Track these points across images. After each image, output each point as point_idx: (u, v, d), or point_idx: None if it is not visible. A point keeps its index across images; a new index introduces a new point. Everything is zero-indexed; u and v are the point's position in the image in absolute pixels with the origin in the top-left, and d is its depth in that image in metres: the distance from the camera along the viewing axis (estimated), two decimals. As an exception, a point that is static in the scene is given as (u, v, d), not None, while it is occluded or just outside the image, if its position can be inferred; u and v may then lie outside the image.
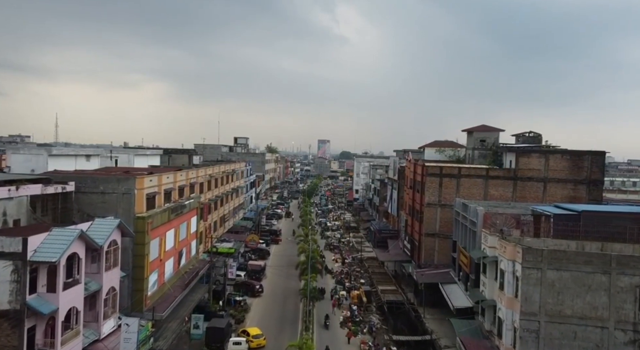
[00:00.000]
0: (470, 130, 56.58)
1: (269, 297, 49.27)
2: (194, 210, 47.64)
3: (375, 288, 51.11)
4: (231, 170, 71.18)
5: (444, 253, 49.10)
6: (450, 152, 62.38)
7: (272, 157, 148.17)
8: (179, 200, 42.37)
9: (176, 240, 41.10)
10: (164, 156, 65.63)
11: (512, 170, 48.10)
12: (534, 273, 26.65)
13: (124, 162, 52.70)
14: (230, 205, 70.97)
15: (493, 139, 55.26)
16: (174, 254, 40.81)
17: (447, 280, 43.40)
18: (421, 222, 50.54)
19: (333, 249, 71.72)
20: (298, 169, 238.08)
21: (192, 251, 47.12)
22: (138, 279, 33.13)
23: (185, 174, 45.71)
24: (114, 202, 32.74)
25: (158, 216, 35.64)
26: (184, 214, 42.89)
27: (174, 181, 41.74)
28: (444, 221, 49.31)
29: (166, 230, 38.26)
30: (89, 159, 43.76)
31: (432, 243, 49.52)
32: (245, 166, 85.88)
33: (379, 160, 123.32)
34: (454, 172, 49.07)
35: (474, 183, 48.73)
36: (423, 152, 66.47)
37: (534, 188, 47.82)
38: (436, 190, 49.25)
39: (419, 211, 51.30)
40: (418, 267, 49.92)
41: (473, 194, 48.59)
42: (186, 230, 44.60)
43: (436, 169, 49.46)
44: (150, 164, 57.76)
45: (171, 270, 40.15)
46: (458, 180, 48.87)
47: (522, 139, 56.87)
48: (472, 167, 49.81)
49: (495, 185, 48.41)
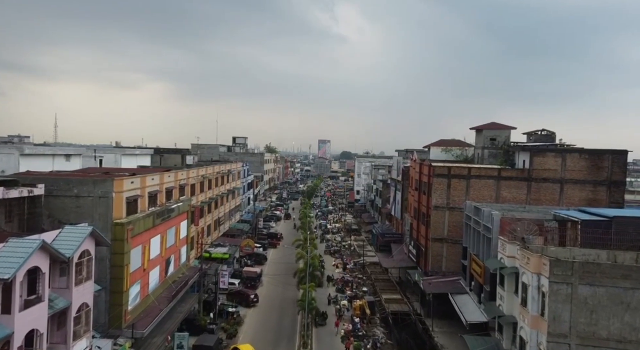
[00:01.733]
0: (479, 128, 53.18)
1: (265, 307, 45.82)
2: (184, 214, 44.31)
3: (379, 297, 47.70)
4: (226, 171, 67.85)
5: (453, 259, 45.77)
6: (457, 151, 58.99)
7: (272, 157, 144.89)
8: (166, 204, 39.03)
9: (163, 247, 37.76)
10: (155, 156, 62.31)
11: (526, 171, 44.72)
12: (563, 289, 23.27)
13: (110, 162, 49.41)
14: (226, 208, 67.63)
15: (504, 138, 51.87)
16: (160, 262, 37.46)
17: (457, 290, 40.01)
18: (428, 226, 47.16)
19: (333, 254, 68.32)
20: (298, 169, 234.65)
21: (182, 258, 43.78)
22: (116, 293, 29.75)
23: (174, 175, 42.36)
24: (90, 207, 29.42)
25: (140, 222, 32.29)
26: (171, 219, 39.57)
27: (161, 183, 38.40)
28: (452, 225, 45.96)
29: (151, 236, 34.91)
30: (69, 158, 40.41)
31: (440, 249, 46.17)
32: (242, 166, 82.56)
33: (380, 160, 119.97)
34: (463, 172, 45.71)
35: (484, 184, 45.36)
36: (428, 152, 63.07)
37: (549, 190, 44.45)
38: (444, 192, 45.90)
39: (426, 214, 47.92)
40: (425, 274, 46.54)
41: (484, 196, 45.24)
42: (175, 235, 41.27)
43: (444, 170, 46.08)
44: (140, 165, 54.47)
45: (157, 280, 36.80)
46: (468, 182, 45.51)
47: (535, 138, 53.51)
48: (482, 167, 46.42)
49: (507, 187, 45.03)
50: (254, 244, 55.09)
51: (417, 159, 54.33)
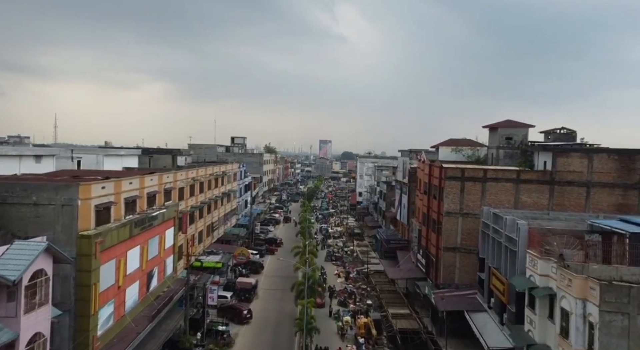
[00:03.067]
0: (494, 126, 48.89)
1: (259, 324, 41.43)
2: (171, 221, 40.10)
3: (385, 312, 43.42)
4: (221, 173, 63.62)
5: (467, 271, 41.52)
6: (468, 151, 54.66)
7: (271, 158, 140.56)
8: (147, 211, 34.80)
9: (143, 260, 33.52)
10: (143, 157, 58.05)
11: (548, 173, 40.46)
12: (618, 320, 19.00)
13: (91, 164, 45.22)
14: (220, 212, 63.40)
15: (521, 137, 47.56)
16: (140, 277, 33.23)
17: (474, 307, 35.75)
18: (439, 233, 42.89)
19: (335, 261, 64.02)
20: (299, 170, 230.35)
21: (168, 270, 39.58)
22: (82, 317, 25.48)
23: (158, 178, 38.13)
24: (51, 217, 25.18)
25: (113, 233, 28.05)
26: (154, 227, 35.35)
27: (141, 187, 34.16)
28: (466, 233, 41.72)
29: (127, 248, 30.68)
30: (39, 160, 36.23)
31: (452, 259, 41.91)
32: (238, 167, 78.33)
33: (384, 160, 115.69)
34: (478, 174, 41.45)
35: (502, 188, 41.10)
36: (436, 152, 58.76)
37: (574, 194, 40.19)
38: (457, 197, 41.64)
39: (436, 221, 43.65)
40: (435, 286, 42.29)
41: (501, 200, 40.99)
42: (159, 245, 37.07)
43: (457, 172, 41.83)
44: (125, 166, 50.30)
45: (136, 298, 32.56)
46: (483, 185, 41.26)
47: (554, 136, 49.17)
48: (500, 169, 42.15)
49: (528, 191, 40.78)
50: (248, 253, 50.83)
51: (426, 160, 50.05)
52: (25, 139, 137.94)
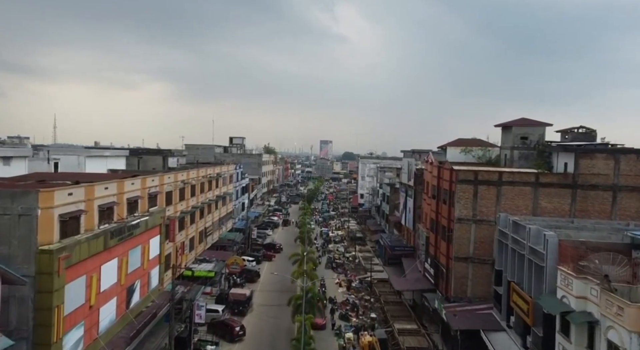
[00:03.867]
0: (508, 124, 45.29)
1: (253, 342, 37.65)
2: (156, 228, 36.56)
3: (391, 327, 39.85)
4: (215, 175, 60.08)
5: (481, 283, 38.00)
6: (479, 152, 51.08)
7: (270, 158, 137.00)
8: (127, 219, 31.24)
9: (122, 274, 29.97)
10: (132, 158, 54.61)
11: (570, 176, 36.87)
12: (686, 361, 15.36)
13: (71, 166, 41.66)
14: (214, 216, 59.86)
15: (537, 136, 43.95)
16: (118, 293, 29.69)
17: (491, 325, 32.16)
18: (449, 242, 39.32)
19: (336, 268, 60.43)
20: (299, 171, 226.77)
21: (152, 282, 36.03)
22: (42, 345, 21.92)
23: (141, 181, 34.58)
24: (6, 229, 21.63)
25: (83, 245, 24.51)
26: (136, 236, 31.81)
27: (119, 192, 30.61)
28: (480, 242, 38.15)
29: (101, 262, 27.14)
30: (8, 162, 32.74)
31: (464, 269, 38.34)
32: (235, 169, 74.79)
33: (386, 161, 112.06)
34: (493, 177, 37.87)
35: (519, 192, 37.53)
36: (444, 153, 55.19)
37: (599, 199, 36.61)
38: (469, 202, 38.08)
39: (447, 228, 40.08)
40: (446, 300, 38.75)
41: (518, 206, 37.44)
42: (141, 256, 33.52)
43: (469, 174, 38.24)
44: (111, 168, 46.81)
45: (113, 316, 29.02)
46: (499, 189, 37.69)
47: (572, 136, 45.61)
48: (516, 171, 38.56)
49: (547, 195, 37.20)
50: (242, 262, 47.23)
51: (434, 162, 46.46)
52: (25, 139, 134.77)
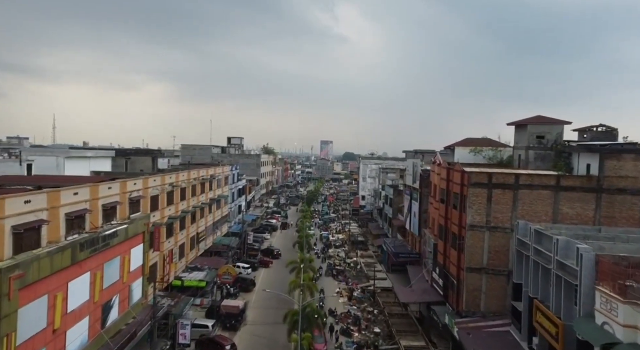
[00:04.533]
0: (522, 122, 41.90)
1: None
2: (139, 237, 33.27)
3: (397, 343, 36.46)
4: (208, 176, 56.73)
5: (496, 296, 34.62)
6: (489, 152, 47.68)
7: (269, 159, 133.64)
8: (102, 227, 27.89)
9: (95, 290, 26.65)
10: (119, 159, 51.28)
11: (594, 179, 33.47)
12: None
13: (48, 168, 38.35)
14: (208, 220, 56.54)
15: (555, 135, 40.55)
16: (90, 311, 26.37)
17: (511, 347, 28.75)
18: (461, 251, 35.94)
19: (336, 275, 57.03)
20: (299, 171, 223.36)
21: (134, 296, 32.70)
22: (-11, 381, 18.63)
23: (120, 185, 31.23)
24: (-55, 244, 18.34)
25: (43, 261, 21.16)
26: (113, 247, 28.49)
27: (93, 198, 27.27)
28: (494, 251, 34.76)
29: (69, 278, 23.83)
30: (-30, 164, 29.40)
31: (478, 281, 34.94)
32: (230, 170, 71.45)
33: (388, 162, 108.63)
34: (509, 180, 34.47)
35: (538, 197, 34.13)
36: (452, 153, 51.84)
37: (627, 204, 33.23)
38: (483, 207, 34.68)
39: (458, 235, 36.70)
40: (457, 314, 35.37)
41: (537, 212, 34.06)
42: (120, 268, 30.20)
43: (483, 177, 34.84)
44: (94, 170, 43.54)
45: (84, 338, 25.72)
46: (515, 193, 34.30)
47: (591, 135, 42.26)
48: (535, 173, 35.14)
49: (569, 200, 33.79)
50: (235, 271, 43.78)
51: (443, 163, 43.08)
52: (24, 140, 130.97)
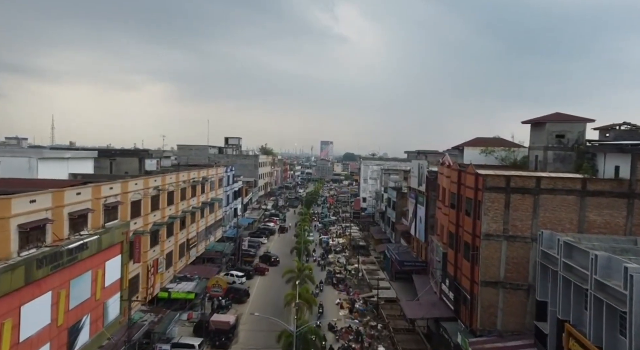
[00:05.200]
0: (540, 120, 38.33)
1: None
2: (116, 247, 29.79)
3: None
4: (200, 178, 53.20)
5: (514, 313, 31.11)
6: (502, 153, 44.15)
7: (268, 160, 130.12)
8: (69, 239, 24.35)
9: (58, 312, 23.14)
10: (103, 160, 47.78)
11: (625, 183, 29.92)
12: None
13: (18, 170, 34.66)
14: (200, 226, 53.02)
15: (576, 134, 36.98)
16: (53, 337, 22.86)
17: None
18: (475, 262, 32.39)
19: (337, 284, 53.47)
20: (298, 172, 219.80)
21: (110, 314, 29.18)
22: None
23: (93, 191, 27.68)
24: None
25: (-14, 284, 17.65)
26: (82, 261, 25.00)
27: (57, 206, 23.76)
28: (512, 263, 31.22)
29: (22, 301, 20.34)
30: None
31: (494, 297, 31.39)
32: (225, 171, 67.91)
33: (390, 162, 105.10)
34: (529, 184, 30.93)
35: (561, 202, 30.59)
36: (460, 154, 48.31)
37: (661, 211, 29.65)
38: (500, 214, 31.15)
39: (471, 245, 33.14)
40: (471, 333, 31.86)
41: (560, 219, 30.54)
42: (92, 284, 26.70)
43: (500, 181, 31.29)
44: (72, 172, 39.89)
45: (44, 369, 22.17)
46: (536, 198, 30.76)
47: (614, 134, 38.61)
48: (558, 176, 31.57)
49: (597, 206, 30.26)
50: (225, 283, 40.14)
51: (453, 164, 39.53)
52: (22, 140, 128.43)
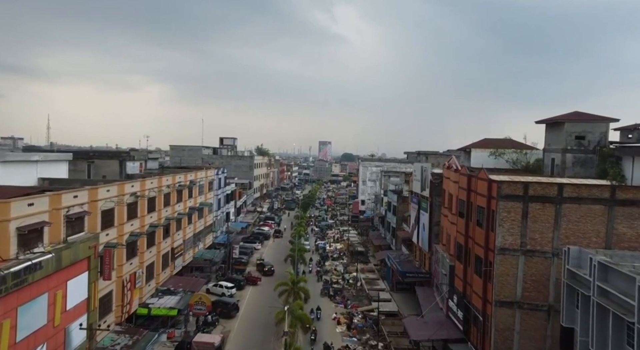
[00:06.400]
0: (557, 120, 34.76)
1: None
2: (81, 264, 26.11)
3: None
4: (187, 182, 49.49)
5: (533, 337, 27.57)
6: (513, 155, 40.62)
7: (264, 160, 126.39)
8: (10, 261, 20.64)
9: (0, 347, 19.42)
10: (80, 163, 44.06)
11: (660, 190, 26.36)
12: None
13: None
14: (187, 233, 49.32)
15: (598, 135, 33.42)
16: (-7, 377, 19.15)
17: None
18: (488, 279, 28.79)
19: (333, 296, 49.80)
20: (296, 173, 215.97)
21: (73, 341, 25.47)
22: None
23: (50, 200, 23.97)
24: None
25: None
26: (33, 283, 21.30)
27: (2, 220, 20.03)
28: (531, 280, 27.68)
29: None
30: None
31: (509, 318, 27.82)
32: (216, 174, 64.22)
33: (390, 164, 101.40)
34: (550, 192, 27.35)
35: (587, 212, 27.03)
36: (467, 155, 44.75)
37: (702, 223, 26.09)
38: (517, 225, 27.58)
39: (483, 259, 29.53)
40: (483, 359, 28.23)
41: (586, 232, 26.98)
42: (49, 309, 23.00)
43: (517, 188, 27.71)
44: (42, 177, 36.21)
45: None
46: (558, 208, 27.18)
47: (637, 135, 35.13)
48: (583, 183, 27.96)
49: (628, 217, 26.72)
50: (210, 301, 36.35)
51: (461, 168, 35.89)
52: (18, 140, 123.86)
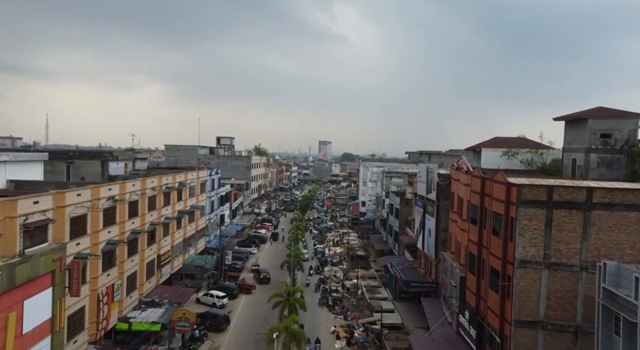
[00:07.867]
0: (579, 116, 31.47)
1: None
2: (43, 279, 22.92)
3: None
4: (176, 184, 46.19)
5: (558, 363, 24.20)
6: (527, 155, 37.36)
7: (262, 160, 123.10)
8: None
9: None
10: (58, 163, 40.77)
11: None
12: None
13: None
14: (175, 238, 46.06)
15: (626, 133, 30.16)
16: None
17: None
18: (506, 295, 25.51)
19: (332, 306, 46.50)
20: (295, 173, 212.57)
21: (32, 369, 22.19)
22: None
23: (3, 208, 20.66)
24: None
25: None
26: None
27: None
28: (556, 297, 24.42)
29: None
30: None
31: (531, 340, 24.58)
32: (209, 175, 60.92)
33: (391, 164, 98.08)
34: (578, 197, 24.07)
35: (620, 221, 23.77)
36: (477, 155, 41.49)
37: None
38: (540, 235, 24.33)
39: (501, 272, 26.23)
40: (501, 386, 24.92)
41: (619, 243, 23.73)
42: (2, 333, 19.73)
43: (539, 192, 24.43)
44: (11, 179, 32.84)
45: None
46: (586, 215, 23.90)
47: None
48: (616, 187, 24.65)
49: (668, 227, 23.37)
50: (194, 317, 32.94)
51: (472, 169, 32.56)
52: (17, 140, 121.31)
